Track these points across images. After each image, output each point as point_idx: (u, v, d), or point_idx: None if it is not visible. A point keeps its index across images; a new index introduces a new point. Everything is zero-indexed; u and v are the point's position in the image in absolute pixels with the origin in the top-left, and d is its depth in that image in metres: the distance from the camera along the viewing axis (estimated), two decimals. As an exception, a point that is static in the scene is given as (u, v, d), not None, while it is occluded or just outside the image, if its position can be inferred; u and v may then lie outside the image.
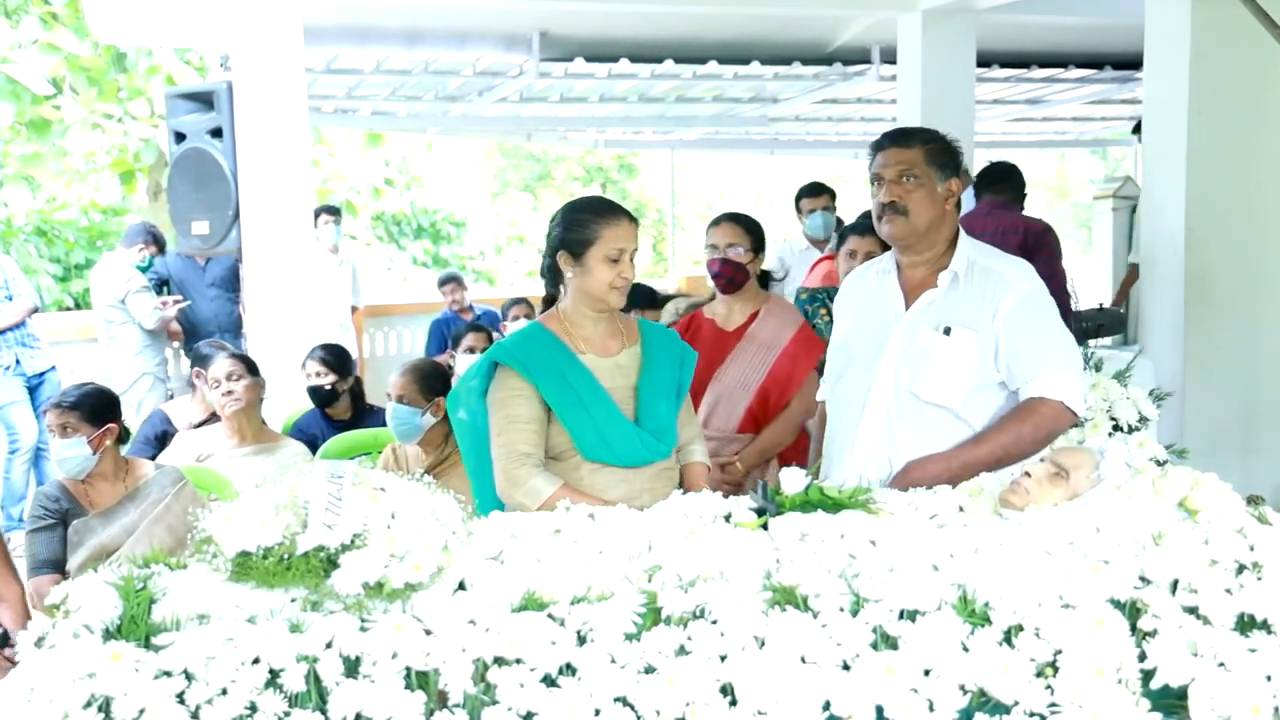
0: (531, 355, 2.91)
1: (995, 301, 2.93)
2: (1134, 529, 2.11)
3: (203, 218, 5.87)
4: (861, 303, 3.18)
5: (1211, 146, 5.63)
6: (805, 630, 1.78)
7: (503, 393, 2.91)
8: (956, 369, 2.93)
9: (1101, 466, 2.37)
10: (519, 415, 2.89)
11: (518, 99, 10.16)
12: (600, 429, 2.89)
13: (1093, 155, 22.57)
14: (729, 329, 4.05)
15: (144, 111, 13.11)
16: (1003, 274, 2.96)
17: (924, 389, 2.96)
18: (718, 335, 4.06)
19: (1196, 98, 5.60)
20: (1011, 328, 2.91)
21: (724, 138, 13.65)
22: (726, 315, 4.08)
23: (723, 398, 3.97)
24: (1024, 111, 11.74)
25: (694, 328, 4.13)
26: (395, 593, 1.87)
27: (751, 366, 3.96)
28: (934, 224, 2.99)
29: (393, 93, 9.80)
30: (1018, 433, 2.88)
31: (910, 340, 2.99)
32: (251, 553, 1.91)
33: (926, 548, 2.05)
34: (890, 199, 2.98)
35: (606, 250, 2.90)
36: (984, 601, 1.84)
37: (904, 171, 2.97)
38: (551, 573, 1.94)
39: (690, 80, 9.52)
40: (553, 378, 2.89)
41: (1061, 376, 2.89)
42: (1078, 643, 1.78)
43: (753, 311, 4.05)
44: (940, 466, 2.86)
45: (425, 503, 2.01)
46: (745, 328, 4.03)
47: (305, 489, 1.97)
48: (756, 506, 2.34)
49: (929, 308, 2.99)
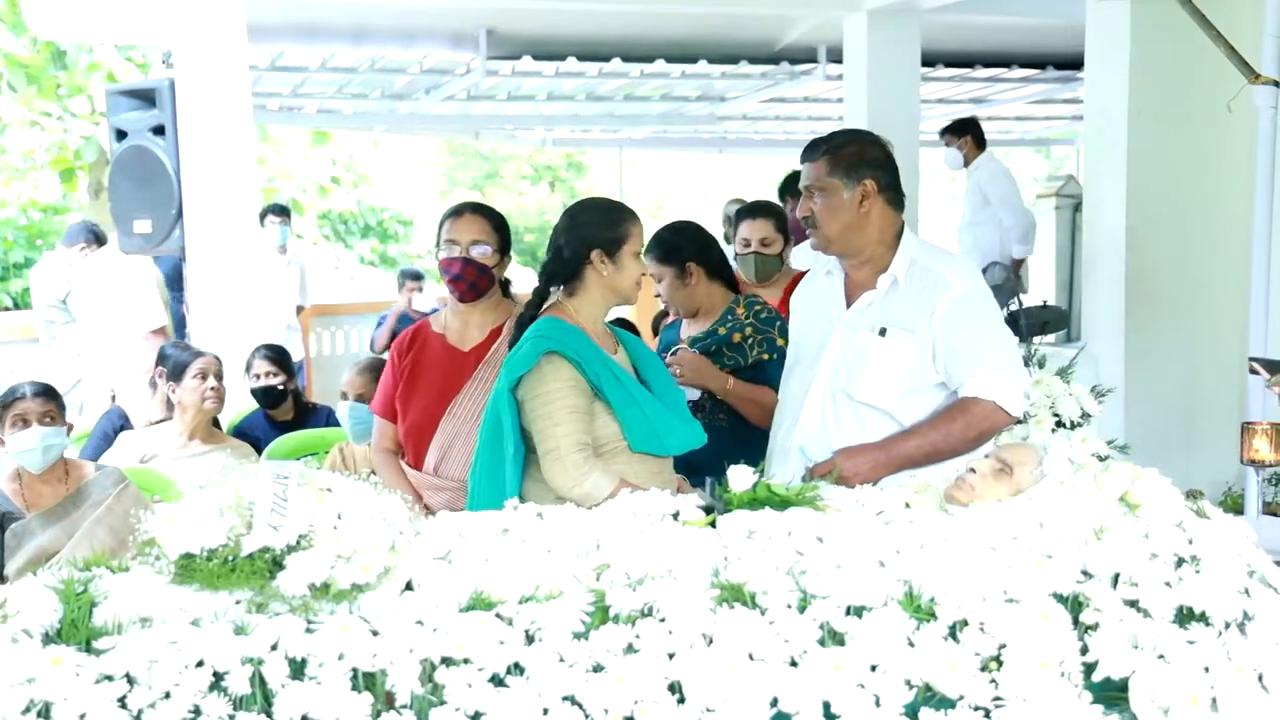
0: (581, 346, 2.87)
1: (933, 302, 2.95)
2: (1076, 524, 2.14)
3: (145, 216, 5.79)
4: (810, 302, 3.21)
5: (1152, 146, 5.71)
6: (753, 627, 1.79)
7: (557, 383, 2.82)
8: (890, 370, 2.97)
9: (1045, 462, 2.39)
10: (579, 406, 2.82)
11: (465, 97, 10.12)
12: (650, 418, 2.88)
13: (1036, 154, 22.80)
14: (464, 348, 3.37)
15: (84, 109, 12.93)
16: (941, 274, 2.98)
17: (858, 389, 2.99)
18: (450, 356, 3.37)
19: (1137, 98, 5.68)
20: (947, 328, 2.94)
21: (672, 136, 13.68)
22: (461, 330, 3.39)
23: (458, 437, 3.29)
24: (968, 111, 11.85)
25: (417, 344, 3.44)
26: (342, 593, 1.86)
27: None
28: (847, 230, 3.01)
29: (339, 90, 9.73)
30: (947, 430, 2.91)
31: (848, 341, 3.03)
32: (195, 555, 1.89)
33: (873, 544, 2.06)
34: (803, 214, 3.07)
35: (635, 247, 2.95)
36: (930, 597, 1.86)
37: (810, 186, 3.05)
38: (499, 572, 1.93)
39: (638, 79, 9.53)
40: (601, 368, 2.87)
41: (996, 376, 2.92)
42: (1022, 637, 1.80)
43: (494, 327, 3.38)
44: (869, 457, 2.89)
45: (372, 503, 2.00)
46: (485, 347, 3.35)
47: (250, 490, 1.95)
48: (704, 504, 2.34)
49: (867, 309, 3.03)
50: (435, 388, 3.33)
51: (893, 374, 2.96)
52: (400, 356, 3.44)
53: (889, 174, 3.03)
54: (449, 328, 3.41)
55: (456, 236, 3.33)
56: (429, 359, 3.39)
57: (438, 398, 3.31)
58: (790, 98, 10.79)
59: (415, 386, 3.38)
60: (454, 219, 3.37)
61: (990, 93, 10.87)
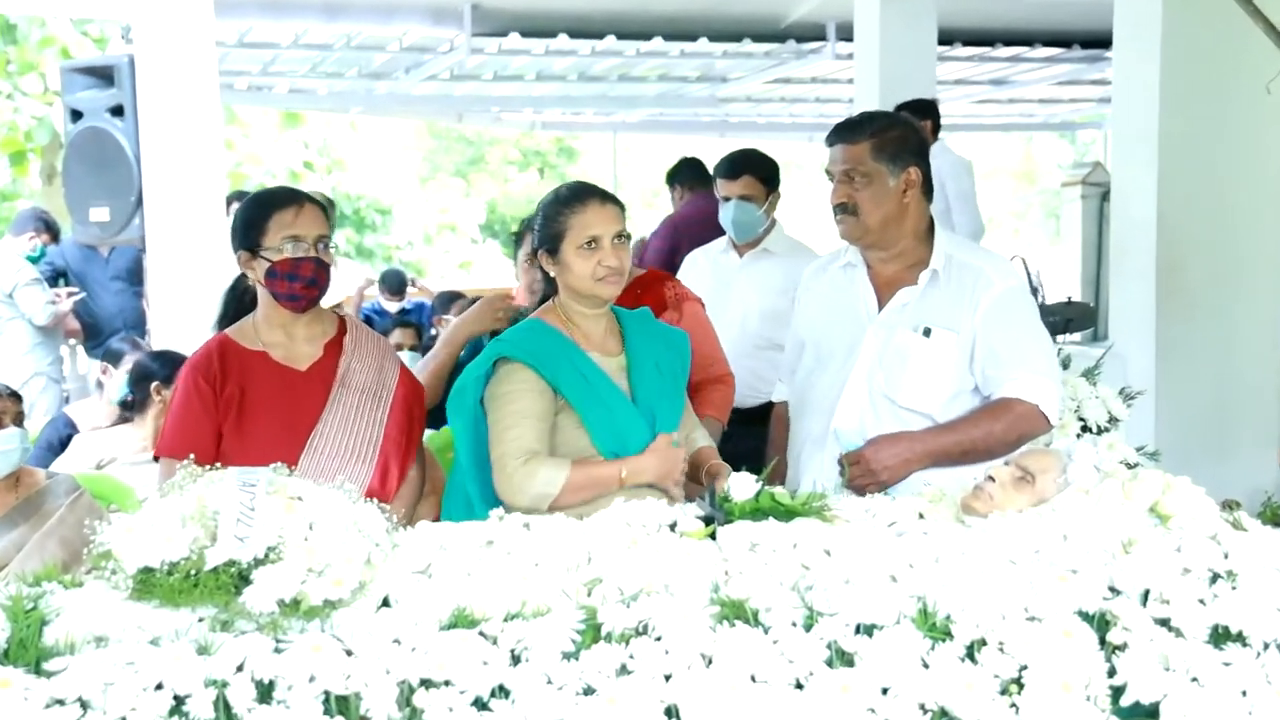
0: (541, 348, 2.86)
1: (975, 299, 2.97)
2: (1103, 536, 2.14)
3: (102, 203, 5.79)
4: (826, 298, 3.20)
5: (1185, 130, 5.70)
6: (755, 647, 1.79)
7: (508, 387, 2.82)
8: (936, 373, 2.98)
9: (1069, 470, 2.40)
10: (527, 410, 2.80)
11: (448, 77, 10.13)
12: (621, 427, 2.86)
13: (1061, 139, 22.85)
14: (299, 367, 3.03)
15: (37, 87, 12.92)
16: (983, 270, 3.01)
17: (902, 394, 3.00)
18: (285, 378, 3.01)
19: (1169, 78, 5.67)
20: (990, 327, 2.96)
21: (670, 119, 13.70)
22: (288, 346, 3.04)
23: (323, 477, 2.63)
24: (988, 93, 11.88)
25: (234, 367, 2.99)
26: (313, 610, 1.85)
27: (361, 426, 3.02)
28: (889, 221, 3.02)
29: (312, 69, 9.74)
30: (989, 429, 2.92)
31: (886, 341, 3.03)
32: (155, 568, 1.89)
33: (884, 558, 2.06)
34: (839, 200, 3.02)
35: (578, 239, 2.86)
36: (945, 614, 1.86)
37: (850, 170, 3.01)
38: (483, 587, 1.93)
39: (634, 58, 9.55)
40: (567, 372, 2.85)
41: (1038, 380, 2.95)
42: (1044, 657, 1.80)
43: (329, 340, 3.08)
44: (900, 449, 2.90)
45: (346, 513, 2.00)
46: (328, 365, 3.04)
47: (215, 498, 1.95)
48: (704, 514, 2.34)
49: (905, 307, 3.04)
50: (279, 419, 2.97)
51: (938, 377, 2.99)
52: (215, 384, 2.98)
53: (927, 163, 3.06)
54: (270, 344, 3.02)
55: (301, 231, 2.94)
56: (258, 384, 2.99)
57: (284, 431, 2.95)
58: (797, 78, 10.81)
59: (249, 419, 2.98)
60: (296, 210, 2.96)
61: (1012, 73, 10.90)
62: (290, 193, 3.08)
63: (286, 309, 3.00)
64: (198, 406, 2.98)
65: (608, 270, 2.86)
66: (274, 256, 2.93)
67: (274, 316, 3.03)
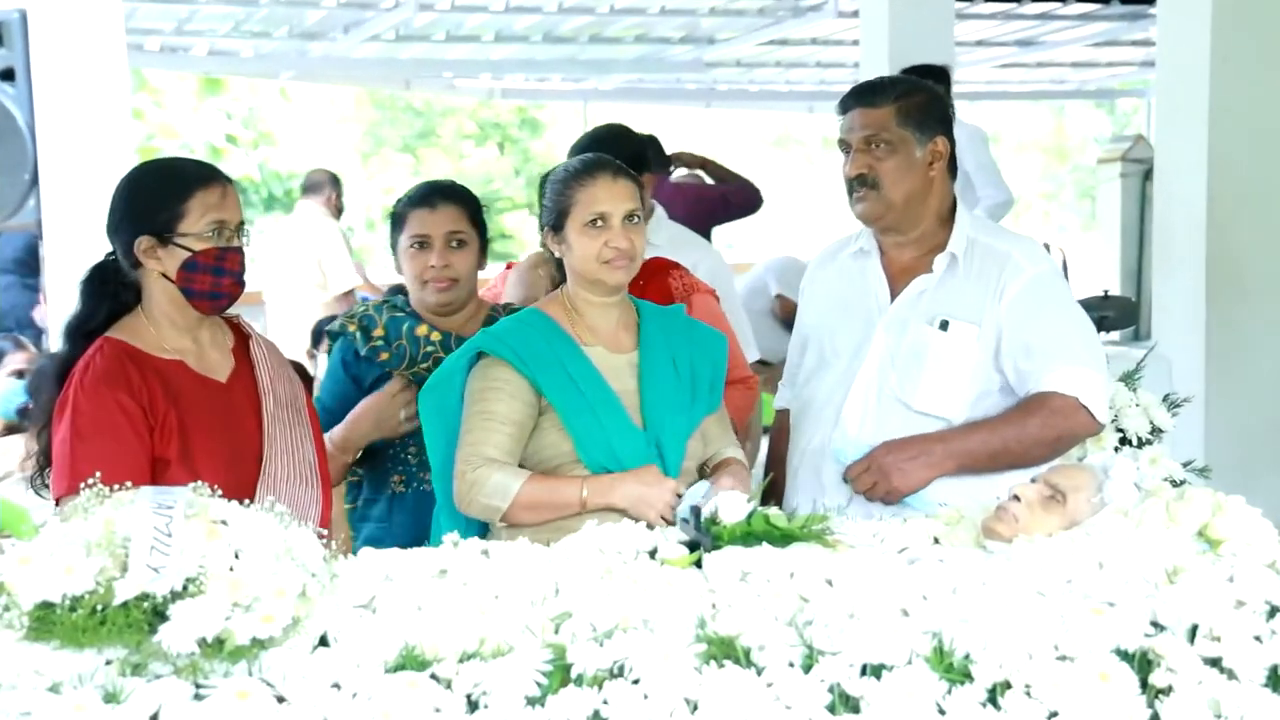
0: (526, 343, 2.89)
1: (1000, 287, 3.00)
2: (1144, 564, 2.15)
3: (-9, 182, 5.76)
4: (834, 289, 3.21)
5: (1238, 99, 5.72)
6: (747, 690, 1.79)
7: (481, 384, 2.88)
8: (955, 371, 3.00)
9: (1105, 488, 2.41)
10: (495, 413, 2.85)
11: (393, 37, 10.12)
12: (609, 436, 2.88)
13: (1097, 109, 22.94)
14: (219, 377, 2.93)
15: (-86, 48, 12.83)
16: (1009, 254, 3.03)
17: (917, 396, 3.01)
18: (210, 392, 2.90)
19: (1220, 40, 5.70)
20: (1018, 318, 2.98)
21: (649, 87, 13.71)
22: (199, 353, 2.92)
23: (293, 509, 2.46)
24: (1014, 55, 11.92)
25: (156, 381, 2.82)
26: (240, 650, 1.85)
27: (298, 446, 2.98)
28: (915, 196, 3.03)
29: (235, 27, 9.71)
30: (1021, 426, 2.93)
31: (898, 337, 3.04)
32: (55, 604, 1.88)
33: (894, 588, 2.07)
34: (858, 171, 3.01)
35: (584, 216, 2.89)
36: (964, 653, 1.87)
37: (872, 137, 3.00)
38: (435, 623, 1.94)
39: (607, 16, 9.56)
40: (553, 371, 2.88)
41: (1078, 371, 2.96)
42: (1077, 702, 1.81)
43: (234, 345, 3.01)
44: (919, 453, 2.91)
45: (277, 538, 2.00)
46: (246, 374, 2.98)
47: (125, 522, 1.95)
48: (688, 539, 2.35)
49: (920, 297, 3.04)
50: (222, 443, 2.86)
51: (958, 375, 3.00)
52: (144, 402, 2.79)
53: (953, 135, 3.07)
54: (181, 351, 2.88)
55: (227, 216, 2.84)
56: (190, 402, 2.85)
57: (230, 457, 2.84)
58: (795, 40, 10.84)
59: (194, 445, 2.83)
60: (221, 189, 2.87)
61: (1041, 33, 10.95)
62: (207, 167, 2.98)
63: (200, 309, 2.86)
64: (128, 433, 2.75)
65: (615, 252, 2.89)
66: (195, 246, 2.79)
67: (180, 318, 2.87)
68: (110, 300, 2.90)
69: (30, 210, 5.67)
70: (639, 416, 2.93)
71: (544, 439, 2.89)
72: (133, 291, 2.89)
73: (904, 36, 7.26)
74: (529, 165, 23.13)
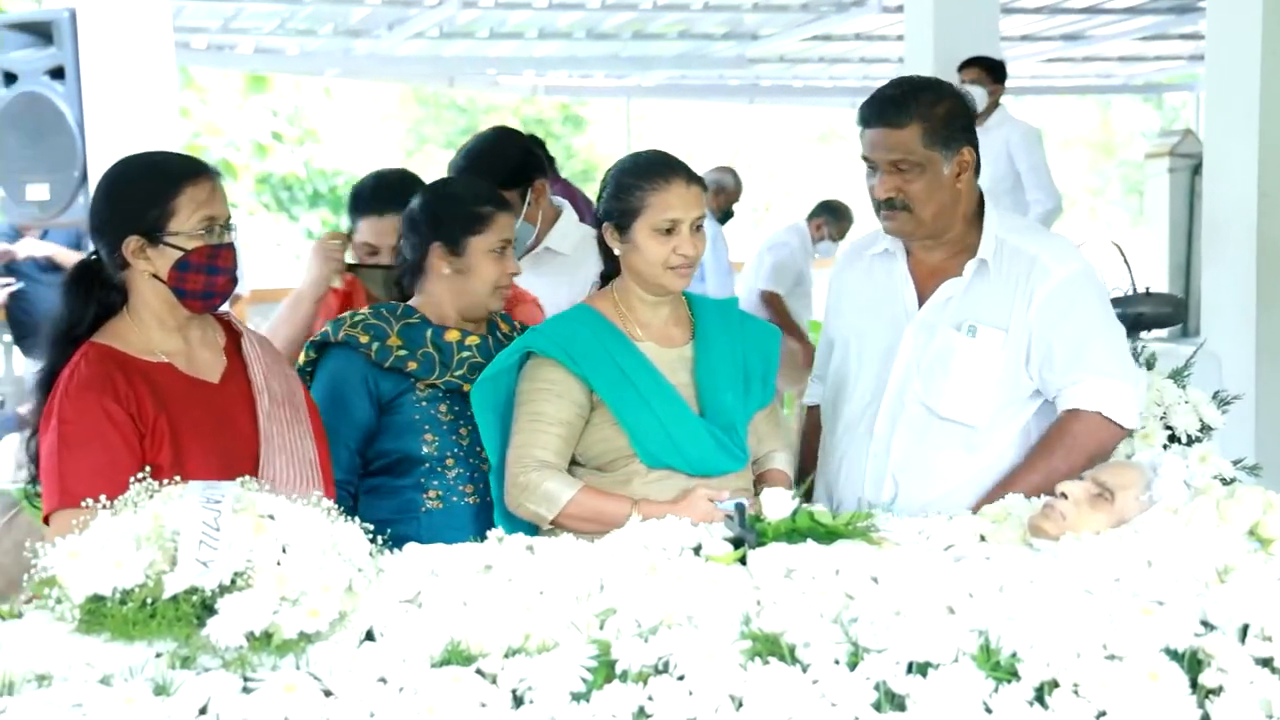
0: (576, 341, 2.91)
1: (1029, 291, 2.97)
2: (1194, 563, 2.14)
3: (41, 179, 5.80)
4: (862, 291, 3.19)
5: (1291, 93, 5.68)
6: (792, 687, 1.79)
7: (530, 385, 2.91)
8: (981, 378, 2.98)
9: (1154, 486, 2.40)
10: (544, 414, 2.88)
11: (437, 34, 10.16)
12: (666, 426, 2.89)
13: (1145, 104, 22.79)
14: (211, 378, 2.84)
15: (-36, 46, 12.93)
16: (1038, 257, 3.00)
17: (943, 403, 3.00)
18: (201, 395, 2.81)
19: (1272, 32, 5.64)
20: (1046, 323, 2.96)
21: (692, 83, 13.71)
22: (189, 353, 2.82)
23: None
24: (1060, 50, 11.85)
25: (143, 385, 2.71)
26: (287, 644, 1.87)
27: (297, 446, 2.88)
28: (945, 211, 3.01)
29: (281, 25, 9.76)
30: (1048, 463, 2.92)
31: (925, 342, 3.03)
32: (106, 597, 1.90)
33: (940, 586, 2.06)
34: (887, 195, 2.99)
35: (655, 221, 2.89)
36: (1011, 652, 1.86)
37: (899, 161, 2.96)
38: (481, 619, 1.94)
39: (650, 12, 9.56)
40: (604, 367, 2.89)
41: (1101, 383, 2.95)
42: (1125, 702, 1.80)
43: (226, 343, 2.92)
44: None
45: (324, 533, 2.01)
46: (240, 376, 2.88)
47: (174, 516, 1.96)
48: (733, 536, 2.35)
49: (948, 303, 3.03)
50: (214, 447, 2.75)
51: (984, 383, 2.98)
52: (131, 409, 2.69)
53: (975, 136, 3.04)
54: (170, 353, 2.78)
55: (217, 212, 2.74)
56: (180, 406, 2.74)
57: (223, 461, 2.70)
58: (838, 35, 10.81)
59: (185, 451, 2.73)
60: (210, 184, 2.76)
61: (1088, 27, 10.88)
62: (193, 161, 2.87)
63: (193, 308, 2.76)
64: (117, 441, 2.64)
65: (682, 259, 2.90)
66: (187, 244, 2.68)
67: (170, 318, 2.76)
68: (95, 304, 2.78)
69: (79, 207, 5.72)
70: (696, 408, 2.94)
71: (596, 435, 2.90)
72: (118, 293, 2.77)
73: (949, 31, 7.23)
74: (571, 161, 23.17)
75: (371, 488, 3.14)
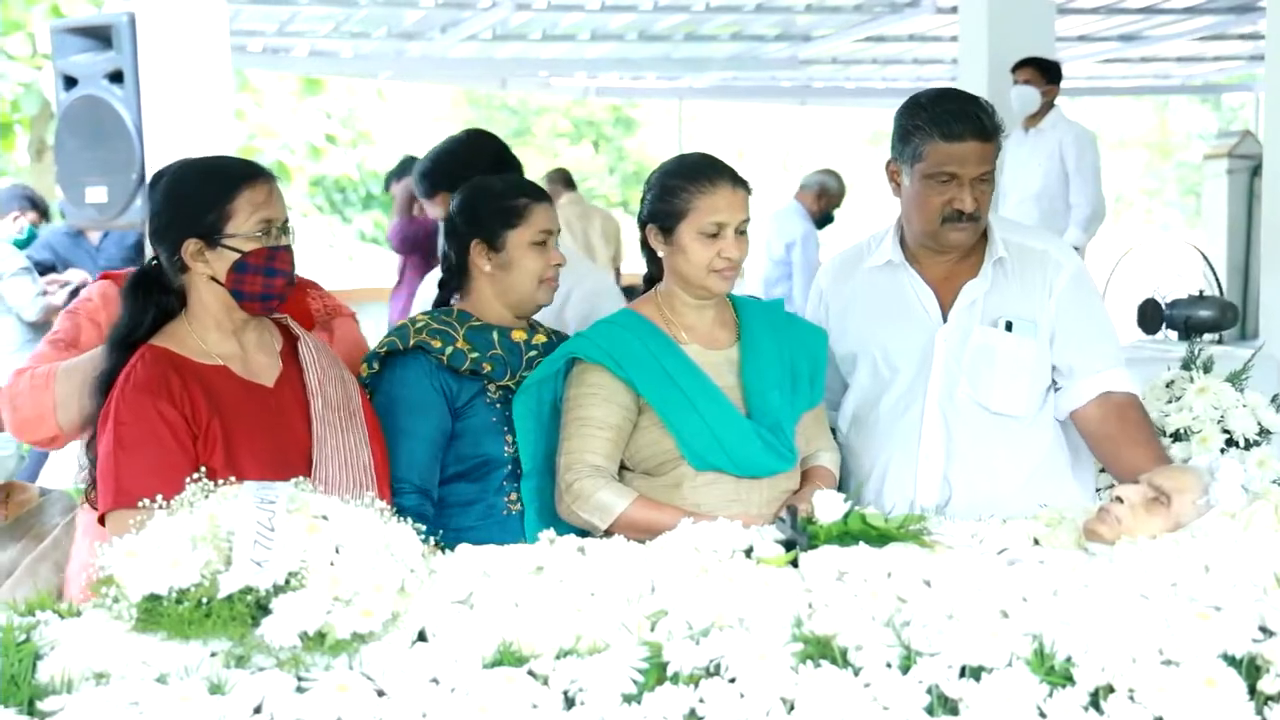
0: (620, 346, 2.92)
1: (1048, 284, 3.10)
2: (1252, 568, 2.12)
3: (99, 182, 5.85)
4: (871, 304, 3.21)
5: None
6: (844, 690, 1.79)
7: (577, 390, 2.92)
8: (1025, 369, 3.08)
9: (1211, 490, 2.38)
10: (593, 418, 2.89)
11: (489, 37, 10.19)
12: (714, 429, 2.90)
13: (1203, 105, 22.59)
14: (266, 382, 2.85)
15: (24, 50, 13.09)
16: (1047, 252, 3.13)
17: (994, 397, 3.07)
18: (256, 398, 2.82)
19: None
20: (1067, 312, 3.09)
21: (744, 85, 13.70)
22: (244, 356, 2.84)
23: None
24: (1117, 50, 11.76)
25: (197, 388, 2.73)
26: (340, 644, 1.88)
27: (354, 451, 2.87)
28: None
29: (335, 28, 9.82)
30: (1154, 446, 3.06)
31: (961, 344, 3.09)
32: (162, 596, 1.92)
33: (994, 590, 2.06)
34: (974, 208, 3.01)
35: (701, 224, 2.89)
36: (1065, 656, 1.85)
37: (986, 173, 3.03)
38: (532, 620, 1.95)
39: (702, 14, 9.55)
40: (650, 371, 2.90)
41: (1122, 373, 3.10)
42: (1182, 708, 1.78)
43: (280, 348, 2.93)
44: None
45: (377, 534, 2.02)
46: (295, 380, 2.89)
47: (229, 516, 1.98)
48: (784, 539, 2.35)
49: (974, 304, 3.10)
50: (267, 449, 2.77)
51: (1028, 373, 3.08)
52: (185, 411, 2.72)
53: None
54: (226, 356, 2.80)
55: (274, 214, 2.77)
56: (234, 409, 2.77)
57: (277, 464, 2.70)
58: (892, 36, 10.77)
59: (237, 454, 2.75)
60: (267, 186, 2.79)
61: (1145, 27, 10.79)
62: (250, 164, 2.89)
63: (250, 310, 2.79)
64: (170, 442, 2.67)
65: (727, 263, 2.91)
66: (245, 246, 2.72)
67: (227, 321, 2.80)
68: (154, 308, 2.82)
69: (137, 209, 5.77)
70: (743, 410, 2.95)
71: (644, 438, 2.92)
72: (177, 297, 2.82)
73: (1003, 32, 7.19)
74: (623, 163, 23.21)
75: (449, 494, 3.07)
